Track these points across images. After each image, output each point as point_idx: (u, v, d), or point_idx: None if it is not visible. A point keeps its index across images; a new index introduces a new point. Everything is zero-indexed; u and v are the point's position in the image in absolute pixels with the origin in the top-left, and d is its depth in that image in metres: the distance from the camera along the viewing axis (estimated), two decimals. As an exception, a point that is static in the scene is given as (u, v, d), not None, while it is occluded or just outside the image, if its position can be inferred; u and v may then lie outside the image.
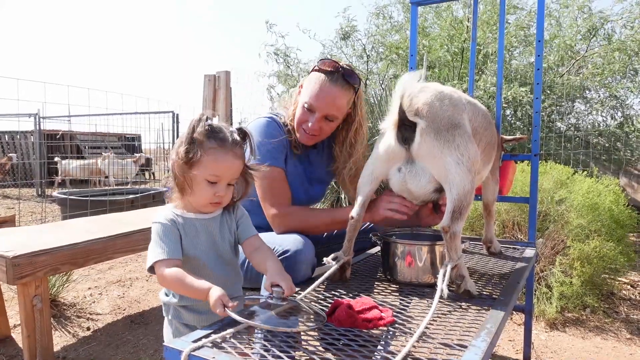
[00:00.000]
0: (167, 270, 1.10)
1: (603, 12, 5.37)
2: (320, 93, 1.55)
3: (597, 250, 2.72)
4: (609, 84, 5.50)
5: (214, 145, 1.13)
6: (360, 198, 1.40)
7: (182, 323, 1.25)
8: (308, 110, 1.59)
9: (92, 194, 5.80)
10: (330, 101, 1.56)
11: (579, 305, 2.72)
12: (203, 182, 1.15)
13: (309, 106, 1.58)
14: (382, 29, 6.27)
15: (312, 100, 1.56)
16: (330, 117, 1.59)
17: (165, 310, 1.28)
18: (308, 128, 1.60)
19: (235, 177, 1.20)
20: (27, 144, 10.78)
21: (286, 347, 0.91)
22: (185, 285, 1.07)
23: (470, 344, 0.94)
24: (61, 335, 2.43)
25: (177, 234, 1.17)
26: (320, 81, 1.55)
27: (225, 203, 1.23)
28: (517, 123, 5.39)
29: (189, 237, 1.20)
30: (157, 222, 1.17)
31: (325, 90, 1.55)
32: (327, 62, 1.58)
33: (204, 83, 3.95)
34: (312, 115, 1.58)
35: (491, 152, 1.59)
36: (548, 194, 3.07)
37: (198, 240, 1.21)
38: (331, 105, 1.56)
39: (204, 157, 1.12)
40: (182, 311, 1.24)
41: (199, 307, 1.22)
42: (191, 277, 1.07)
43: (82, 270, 3.47)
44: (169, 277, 1.09)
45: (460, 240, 1.25)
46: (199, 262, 1.20)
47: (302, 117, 1.61)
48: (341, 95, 1.57)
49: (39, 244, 1.96)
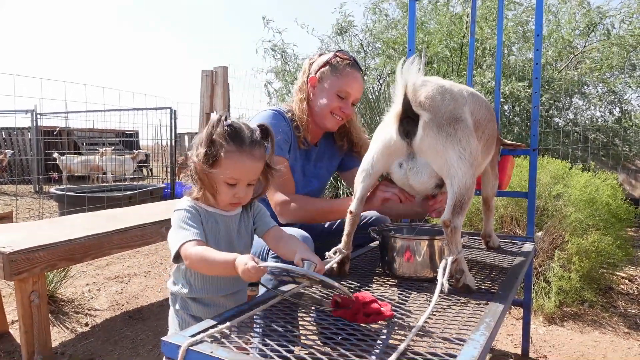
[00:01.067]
0: (193, 249, 1.07)
1: (602, 7, 5.37)
2: (353, 80, 1.76)
3: (595, 244, 2.72)
4: (607, 79, 5.50)
5: (232, 148, 1.12)
6: (358, 192, 1.40)
7: (189, 314, 1.24)
8: (342, 98, 1.76)
9: (89, 191, 5.78)
10: (359, 86, 1.78)
11: (577, 300, 2.72)
12: (222, 184, 1.15)
13: (346, 94, 1.75)
14: (379, 25, 6.25)
15: (348, 87, 1.75)
16: (357, 101, 1.82)
17: (172, 300, 1.27)
18: (343, 114, 1.77)
19: (255, 178, 1.19)
20: (24, 140, 10.74)
21: (285, 341, 0.90)
22: (210, 260, 1.04)
23: (469, 338, 0.94)
24: (59, 331, 2.42)
25: (200, 220, 1.17)
26: (350, 72, 1.76)
27: (245, 202, 1.23)
28: (516, 119, 5.39)
29: (208, 227, 1.19)
30: (180, 209, 1.17)
31: (355, 77, 1.76)
32: (345, 53, 1.81)
33: (202, 79, 3.93)
34: (346, 102, 1.77)
35: (491, 145, 1.59)
36: (546, 189, 3.07)
37: (218, 235, 1.21)
38: (360, 91, 1.80)
39: (223, 160, 1.12)
40: (191, 303, 1.23)
41: (207, 300, 1.23)
42: (215, 252, 1.05)
43: (80, 266, 3.46)
44: (195, 256, 1.06)
45: (460, 235, 1.24)
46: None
47: (336, 104, 1.76)
48: (361, 80, 1.81)
49: (36, 239, 1.95)
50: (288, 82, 6.16)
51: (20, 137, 10.82)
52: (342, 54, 1.79)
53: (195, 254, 1.06)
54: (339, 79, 1.75)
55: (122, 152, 10.37)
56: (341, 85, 1.74)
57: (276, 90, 6.38)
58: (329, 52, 1.81)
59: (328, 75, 1.76)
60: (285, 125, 1.73)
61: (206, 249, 1.06)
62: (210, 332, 0.93)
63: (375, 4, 6.22)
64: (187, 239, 1.09)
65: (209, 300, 1.23)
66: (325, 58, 1.78)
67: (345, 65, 1.76)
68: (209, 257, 1.04)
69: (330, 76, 1.76)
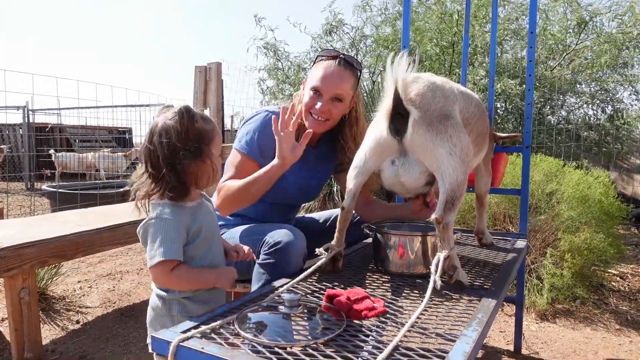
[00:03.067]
0: (169, 272, 1.13)
1: (591, 5, 5.39)
2: (326, 74, 1.60)
3: (587, 242, 2.74)
4: (599, 77, 5.53)
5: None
6: (351, 189, 1.39)
7: (187, 316, 1.16)
8: (315, 94, 1.62)
9: (81, 188, 5.74)
10: (336, 81, 1.60)
11: (569, 297, 2.74)
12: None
13: (316, 88, 1.61)
14: (369, 22, 6.22)
15: (319, 82, 1.60)
16: (338, 96, 1.62)
17: (165, 308, 1.20)
18: (317, 111, 1.61)
19: None
20: (15, 136, 10.64)
21: (277, 336, 0.90)
22: (192, 279, 1.16)
23: (461, 334, 0.94)
24: (50, 329, 2.40)
25: (181, 230, 1.15)
26: (325, 65, 1.61)
27: None
28: (509, 116, 5.41)
29: (193, 227, 1.19)
30: (159, 219, 1.14)
31: (330, 70, 1.60)
32: (329, 51, 1.66)
33: (195, 74, 3.90)
34: (320, 98, 1.61)
35: (482, 143, 1.59)
36: (538, 187, 3.08)
37: (212, 221, 1.26)
38: (337, 86, 1.60)
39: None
40: (187, 303, 1.20)
41: (200, 295, 1.21)
42: (195, 269, 1.18)
43: (71, 263, 3.44)
44: (174, 278, 1.14)
45: (453, 231, 1.24)
46: (213, 238, 1.26)
47: (310, 102, 1.63)
48: (346, 76, 1.62)
49: (26, 236, 1.93)
50: (280, 80, 6.12)
51: (12, 133, 10.71)
52: (327, 51, 1.67)
53: (176, 276, 1.14)
54: (312, 74, 1.65)
55: (115, 149, 10.30)
56: (312, 80, 1.63)
57: (269, 87, 6.35)
58: (328, 49, 1.73)
59: (310, 75, 1.67)
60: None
61: (186, 269, 1.16)
62: (201, 329, 0.93)
63: (365, 2, 6.20)
64: (163, 258, 1.10)
65: (206, 296, 1.22)
66: None
67: (320, 60, 1.65)
68: (194, 274, 1.18)
69: (310, 75, 1.66)
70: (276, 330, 0.94)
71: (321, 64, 1.63)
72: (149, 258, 1.12)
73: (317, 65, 1.64)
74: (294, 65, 6.09)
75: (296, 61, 6.11)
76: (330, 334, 0.93)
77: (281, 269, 1.38)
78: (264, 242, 1.43)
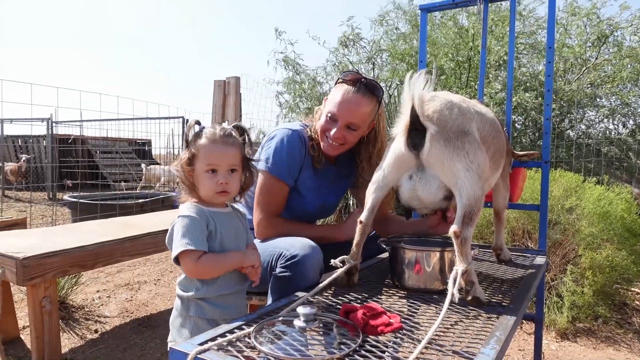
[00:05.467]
0: (196, 260, 1.18)
1: (612, 19, 5.34)
2: (343, 101, 1.57)
3: (609, 259, 2.68)
4: (619, 91, 5.45)
5: (204, 141, 1.24)
6: (369, 203, 1.39)
7: (204, 319, 1.24)
8: (331, 120, 1.60)
9: (102, 198, 5.84)
10: (353, 109, 1.57)
11: (591, 316, 2.67)
12: (203, 175, 1.24)
13: (332, 115, 1.59)
14: (387, 37, 6.27)
15: (335, 108, 1.58)
16: (352, 125, 1.59)
17: (183, 307, 1.26)
18: (331, 137, 1.60)
19: (234, 164, 1.26)
20: (39, 148, 10.91)
21: (292, 350, 0.90)
22: (218, 262, 1.22)
23: (479, 352, 0.93)
24: (69, 337, 2.44)
25: (204, 226, 1.23)
26: (343, 90, 1.58)
27: (233, 191, 1.28)
28: (526, 130, 5.36)
29: (217, 224, 1.25)
30: (183, 216, 1.23)
31: (348, 98, 1.57)
32: (350, 74, 1.61)
33: (214, 88, 3.97)
34: (335, 124, 1.60)
35: (500, 160, 1.58)
36: (558, 202, 3.04)
37: (227, 229, 1.28)
38: (353, 114, 1.58)
39: (199, 152, 1.24)
40: (205, 305, 1.24)
41: (220, 300, 1.25)
42: (220, 254, 1.23)
43: (90, 273, 3.49)
44: (201, 264, 1.19)
45: (470, 246, 1.23)
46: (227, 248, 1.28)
47: (325, 125, 1.62)
48: (363, 104, 1.58)
49: (49, 245, 1.97)
50: (296, 94, 6.17)
51: (36, 144, 10.99)
52: (347, 75, 1.61)
53: (201, 263, 1.19)
54: (332, 96, 1.62)
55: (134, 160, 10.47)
56: (330, 104, 1.61)
57: (287, 100, 6.41)
58: (350, 71, 1.67)
59: (329, 97, 1.65)
60: (299, 146, 1.64)
61: (212, 255, 1.21)
62: (218, 341, 0.94)
63: (382, 16, 6.25)
64: (186, 248, 1.17)
65: (222, 300, 1.25)
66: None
67: (339, 84, 1.62)
68: (218, 260, 1.22)
69: (330, 98, 1.64)
70: (292, 344, 0.94)
71: (341, 87, 1.60)
72: (174, 249, 1.20)
73: (337, 88, 1.62)
74: (309, 78, 6.14)
75: (313, 74, 6.16)
76: (347, 349, 0.93)
77: (297, 282, 1.38)
78: (280, 255, 1.44)
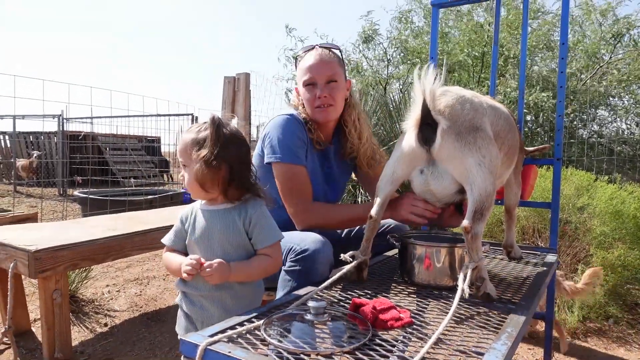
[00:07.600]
0: (164, 254, 1.34)
1: (629, 17, 5.26)
2: (311, 65, 1.66)
3: (621, 259, 2.64)
4: (633, 90, 5.38)
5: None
6: (379, 198, 1.39)
7: (182, 310, 1.31)
8: (311, 86, 1.67)
9: (111, 194, 5.89)
10: (323, 64, 1.66)
11: (602, 315, 2.64)
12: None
13: (309, 80, 1.67)
14: (404, 34, 6.25)
15: (308, 73, 1.66)
16: (331, 78, 1.67)
17: (179, 301, 1.34)
18: (319, 101, 1.66)
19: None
20: (50, 144, 11.01)
21: (302, 343, 0.90)
22: (168, 261, 1.30)
23: (490, 347, 0.92)
24: (79, 331, 2.46)
25: (179, 223, 1.33)
26: (306, 58, 1.69)
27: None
28: (539, 129, 5.31)
29: (197, 222, 1.30)
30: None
31: (314, 60, 1.67)
32: (304, 47, 1.77)
33: (224, 85, 3.98)
34: (316, 87, 1.67)
35: (513, 155, 1.56)
36: (569, 201, 3.00)
37: (206, 226, 1.28)
38: (325, 67, 1.66)
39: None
40: (184, 299, 1.31)
41: (192, 297, 1.28)
42: (172, 254, 1.31)
43: (100, 267, 3.52)
44: (163, 259, 1.33)
45: (481, 242, 1.22)
46: (194, 248, 1.31)
47: (309, 96, 1.68)
48: (328, 58, 1.69)
49: (60, 239, 1.99)
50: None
51: (47, 141, 11.10)
52: (302, 48, 1.76)
53: (164, 257, 1.33)
54: (299, 73, 1.71)
55: (143, 156, 10.53)
56: (302, 77, 1.69)
57: (297, 98, 6.42)
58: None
59: (297, 75, 1.74)
60: (300, 129, 1.66)
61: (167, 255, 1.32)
62: (228, 333, 0.94)
63: (403, 13, 6.23)
64: (163, 242, 1.33)
65: (194, 298, 1.28)
66: None
67: (300, 58, 1.73)
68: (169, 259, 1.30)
69: (298, 74, 1.73)
70: (302, 337, 0.94)
71: (302, 60, 1.70)
72: None
73: (300, 64, 1.72)
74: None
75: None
76: (356, 342, 0.92)
77: (307, 276, 1.38)
78: (290, 249, 1.44)
